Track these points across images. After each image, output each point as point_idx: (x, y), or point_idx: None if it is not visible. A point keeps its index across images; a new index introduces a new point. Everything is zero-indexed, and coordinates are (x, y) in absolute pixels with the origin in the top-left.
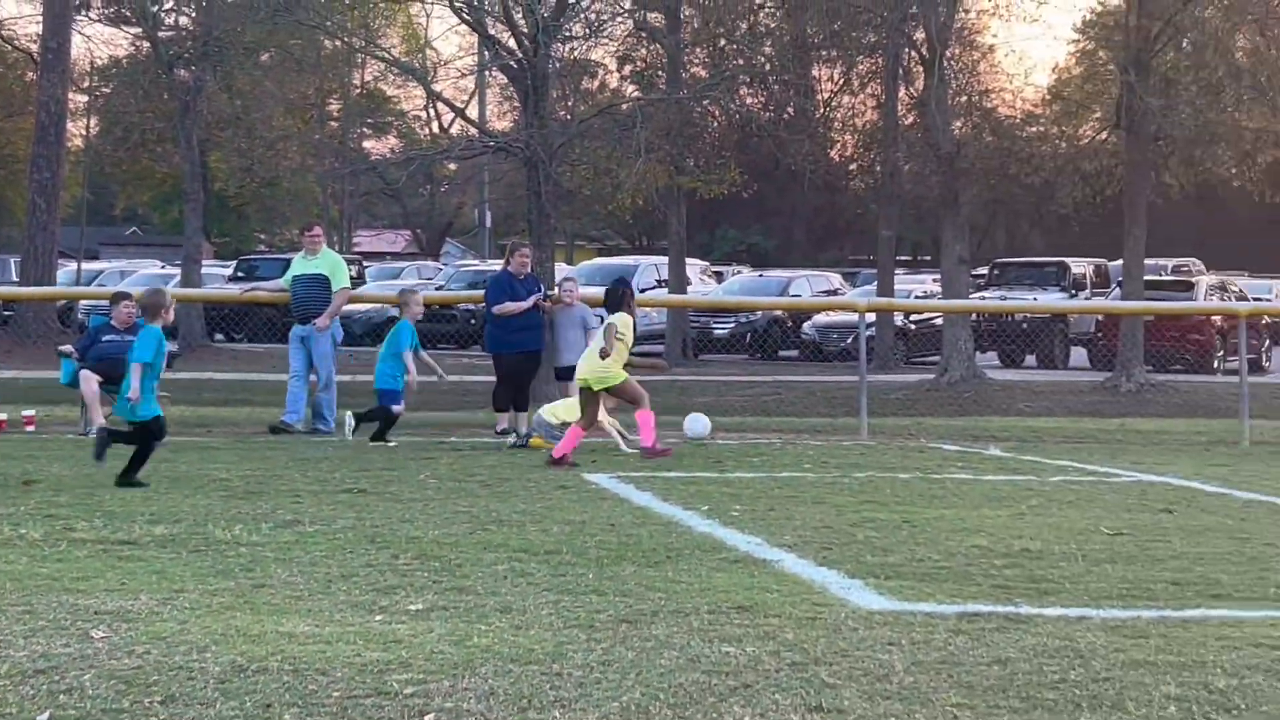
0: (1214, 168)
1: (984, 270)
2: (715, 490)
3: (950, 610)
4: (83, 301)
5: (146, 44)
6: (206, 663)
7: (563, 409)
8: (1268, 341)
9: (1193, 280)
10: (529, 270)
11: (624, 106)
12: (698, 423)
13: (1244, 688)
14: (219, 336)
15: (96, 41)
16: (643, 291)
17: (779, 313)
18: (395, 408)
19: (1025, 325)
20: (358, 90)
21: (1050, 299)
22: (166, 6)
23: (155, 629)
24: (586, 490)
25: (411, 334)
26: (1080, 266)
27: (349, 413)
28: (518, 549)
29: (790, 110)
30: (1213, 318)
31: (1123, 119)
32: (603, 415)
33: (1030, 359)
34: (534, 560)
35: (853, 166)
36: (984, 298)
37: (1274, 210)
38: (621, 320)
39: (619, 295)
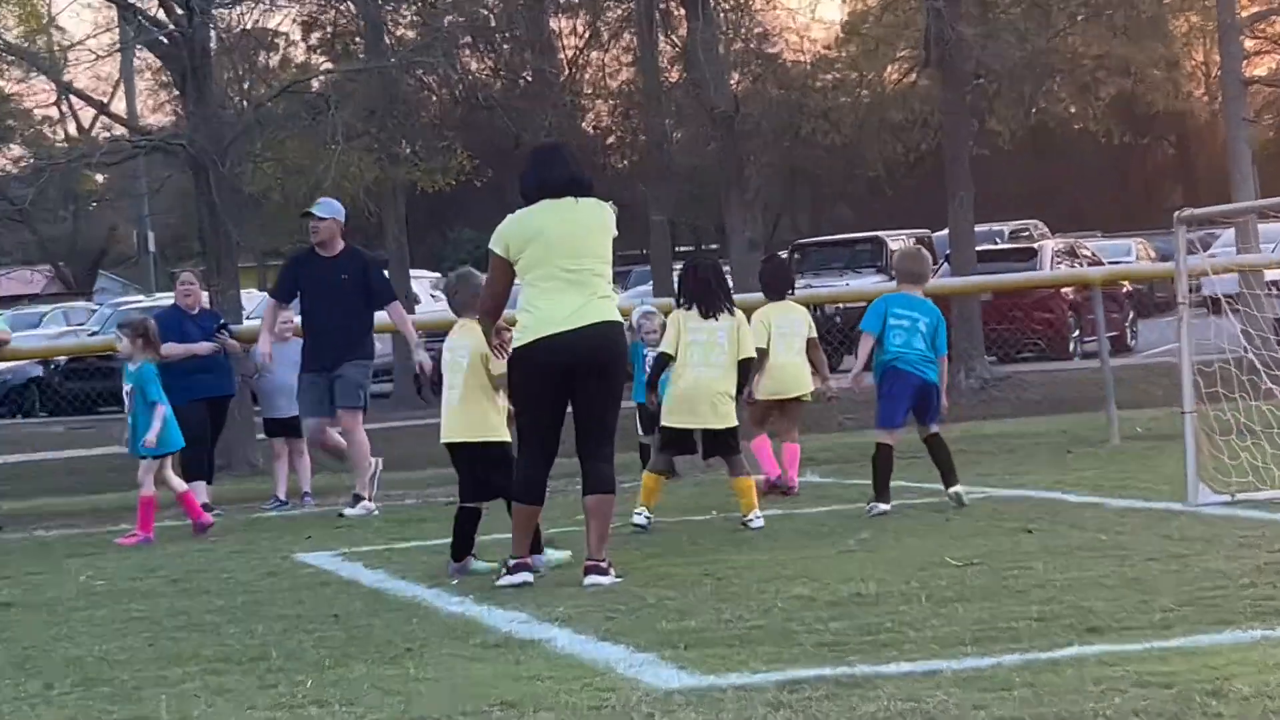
0: (1049, 107)
1: (783, 255)
2: None
3: (768, 679)
4: None
5: None
6: None
7: None
8: (1131, 314)
9: (1035, 246)
10: (200, 303)
11: (314, 84)
12: None
13: None
14: None
15: None
16: None
17: None
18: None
19: (838, 319)
20: None
21: (866, 284)
22: None
23: None
24: (301, 575)
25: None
26: (899, 241)
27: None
28: (214, 659)
29: (527, 74)
30: (1063, 290)
31: (933, 55)
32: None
33: (849, 359)
34: (236, 671)
35: (611, 139)
36: None
37: (1123, 154)
38: None
39: None
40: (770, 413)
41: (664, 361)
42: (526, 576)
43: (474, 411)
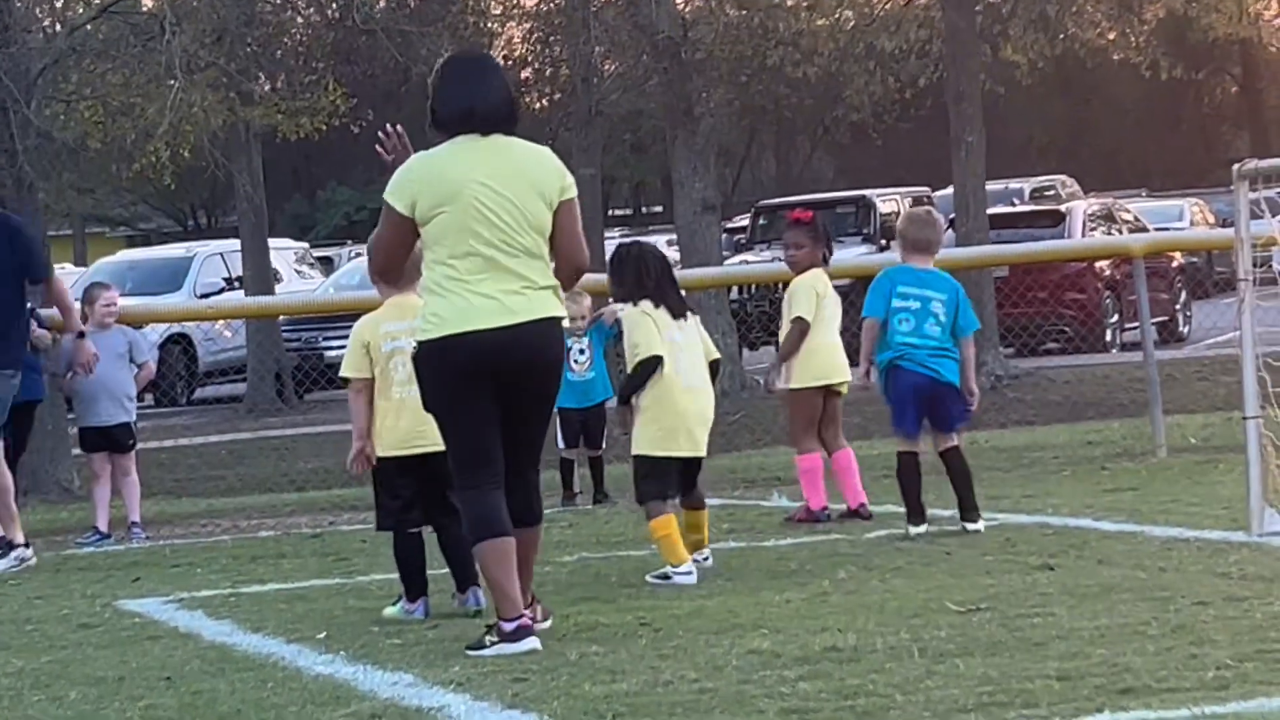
0: (1080, 31)
1: (745, 219)
2: (338, 605)
3: None
4: None
5: None
6: None
7: None
8: (1184, 294)
9: (1063, 208)
10: None
11: (145, 1)
12: None
13: None
14: None
15: None
16: (205, 296)
17: None
18: None
19: None
20: None
21: (850, 255)
22: None
23: None
24: (125, 626)
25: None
26: (890, 201)
27: None
28: None
29: None
30: (1098, 264)
31: None
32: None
33: None
34: None
35: (526, 72)
36: (746, 261)
37: (1174, 92)
38: None
39: None
40: (817, 407)
41: (653, 367)
42: (533, 642)
43: None
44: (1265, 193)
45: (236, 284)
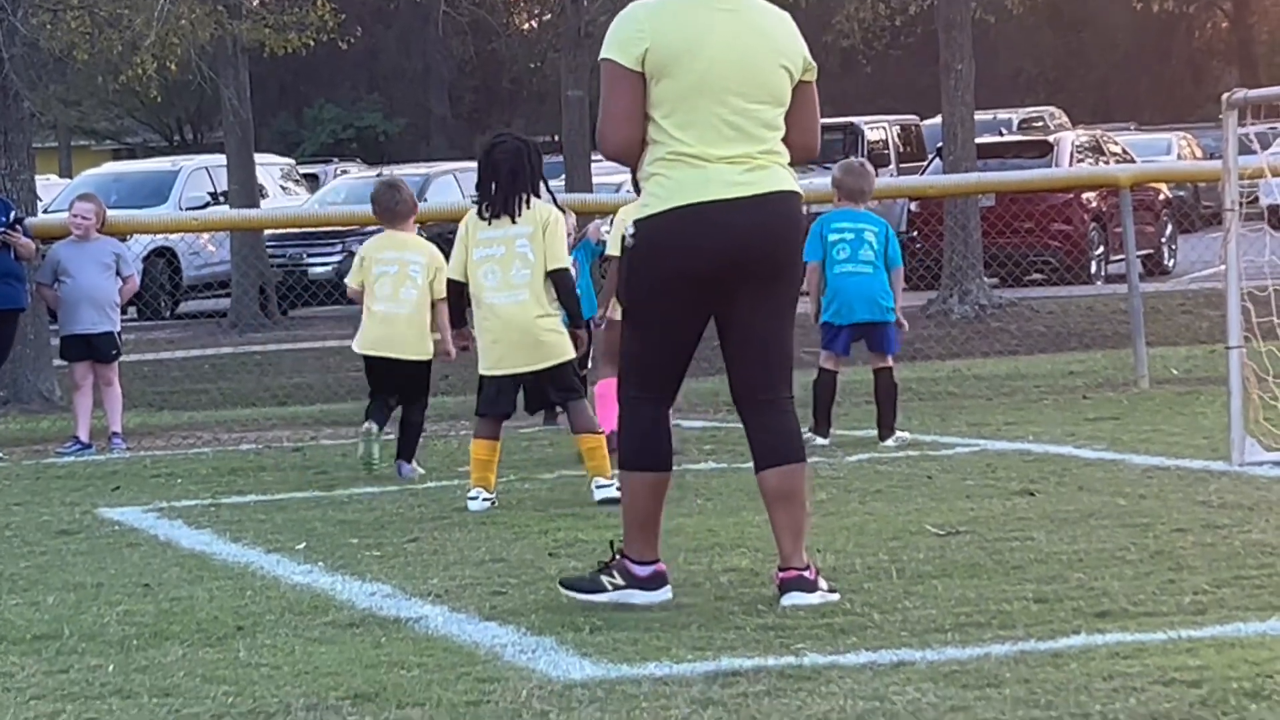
0: None
1: None
2: (318, 517)
3: (695, 670)
4: None
5: None
6: None
7: None
8: (1170, 227)
9: (1050, 139)
10: None
11: None
12: None
13: None
14: None
15: None
16: (190, 210)
17: None
18: None
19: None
20: None
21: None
22: None
23: None
24: (103, 534)
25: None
26: (878, 129)
27: None
28: None
29: None
30: (1084, 195)
31: None
32: None
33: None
34: (15, 652)
35: None
36: None
37: (1164, 25)
38: None
39: None
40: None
41: (455, 291)
42: (666, 593)
43: (423, 329)
44: (1254, 127)
45: (222, 199)
